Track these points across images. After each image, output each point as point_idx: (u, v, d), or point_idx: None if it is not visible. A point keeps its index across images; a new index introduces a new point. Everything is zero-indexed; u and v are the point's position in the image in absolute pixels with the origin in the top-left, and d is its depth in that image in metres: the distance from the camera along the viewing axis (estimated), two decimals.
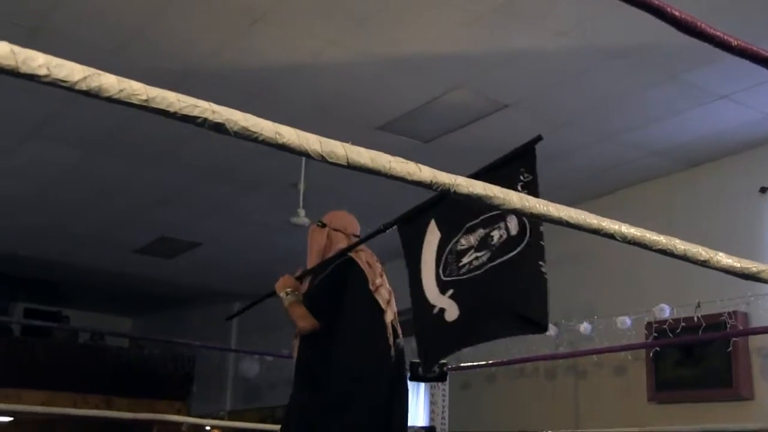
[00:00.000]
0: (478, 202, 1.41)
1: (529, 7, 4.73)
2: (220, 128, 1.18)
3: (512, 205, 1.42)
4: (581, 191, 7.41)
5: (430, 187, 1.36)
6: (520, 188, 3.08)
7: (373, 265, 3.84)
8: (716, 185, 6.75)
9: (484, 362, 6.44)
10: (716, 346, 6.28)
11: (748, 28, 4.61)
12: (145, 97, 1.09)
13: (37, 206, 8.72)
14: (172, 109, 1.12)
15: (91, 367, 13.28)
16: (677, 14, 1.49)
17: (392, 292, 3.88)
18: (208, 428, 13.08)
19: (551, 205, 1.49)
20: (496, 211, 1.43)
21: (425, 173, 1.35)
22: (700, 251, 1.71)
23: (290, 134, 1.25)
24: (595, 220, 1.56)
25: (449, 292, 3.26)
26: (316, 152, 1.27)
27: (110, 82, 1.05)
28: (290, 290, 3.80)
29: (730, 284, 4.99)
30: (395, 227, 3.62)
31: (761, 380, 6.11)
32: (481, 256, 3.18)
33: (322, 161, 1.29)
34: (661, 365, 6.71)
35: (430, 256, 3.43)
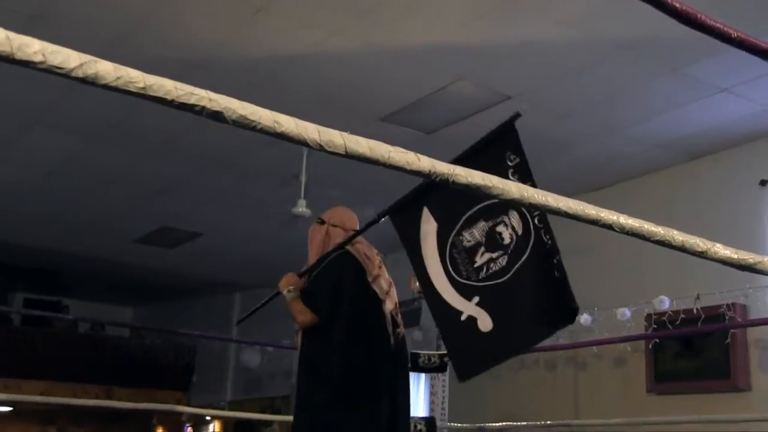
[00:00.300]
0: (476, 192, 1.41)
1: None
2: (218, 116, 1.18)
3: (511, 195, 1.42)
4: (582, 183, 7.41)
5: (429, 176, 1.36)
6: (510, 173, 3.08)
7: (371, 256, 3.87)
8: (717, 178, 6.74)
9: None
10: (715, 337, 6.29)
11: (748, 21, 4.60)
12: (142, 84, 1.08)
13: (37, 195, 8.72)
14: (169, 97, 1.12)
15: (91, 357, 13.29)
16: (677, 6, 1.49)
17: (392, 283, 3.91)
18: (208, 418, 13.14)
19: (550, 195, 1.49)
20: (491, 199, 1.42)
21: (424, 163, 1.35)
22: (697, 242, 1.71)
23: (289, 123, 1.25)
24: (593, 210, 1.56)
25: (475, 299, 3.26)
26: (314, 141, 1.27)
27: (107, 69, 1.04)
28: (292, 288, 3.86)
29: (729, 276, 4.99)
30: (389, 217, 3.64)
31: (759, 371, 6.13)
32: (497, 258, 3.19)
33: (320, 150, 1.29)
34: (660, 357, 6.73)
35: (431, 248, 3.43)
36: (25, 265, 12.82)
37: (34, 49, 0.99)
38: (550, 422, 6.21)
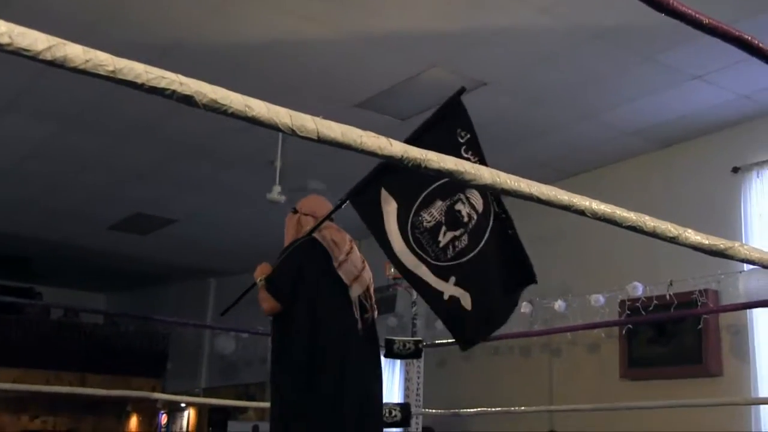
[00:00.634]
0: (449, 177, 1.41)
1: None
2: (188, 100, 1.17)
3: (483, 180, 1.43)
4: (557, 170, 7.45)
5: (401, 161, 1.36)
6: (463, 150, 3.10)
7: (338, 242, 3.87)
8: (690, 165, 6.79)
9: None
10: (687, 323, 6.35)
11: (724, 10, 4.63)
12: (112, 68, 1.07)
13: (9, 180, 8.64)
14: (139, 80, 1.11)
15: (64, 344, 13.22)
16: None
17: (364, 268, 3.90)
18: (183, 405, 13.11)
19: (522, 180, 1.49)
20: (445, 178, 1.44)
21: (396, 148, 1.35)
22: (669, 228, 1.72)
23: (260, 107, 1.24)
24: (565, 196, 1.56)
25: (452, 279, 3.29)
26: (286, 126, 1.26)
27: (76, 52, 1.03)
28: (263, 277, 3.86)
29: (701, 263, 5.03)
30: (350, 202, 3.64)
31: (730, 357, 6.19)
32: (460, 237, 3.21)
33: (292, 135, 1.28)
34: (633, 342, 6.78)
35: (394, 229, 3.43)
36: None
37: (0, 30, 0.98)
38: (524, 408, 6.25)
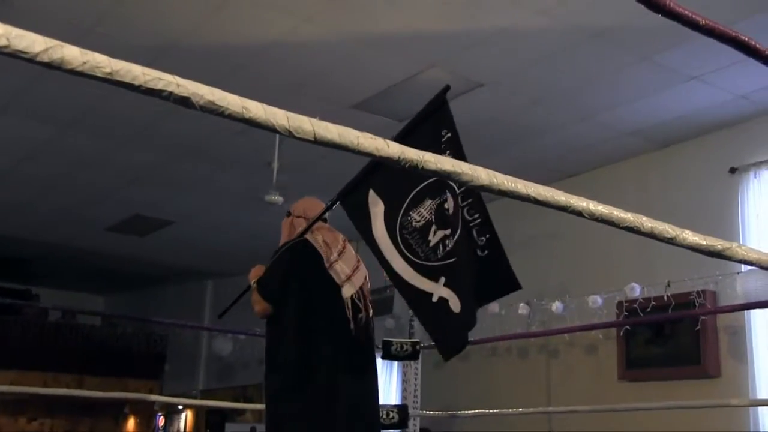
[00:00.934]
0: (446, 178, 1.41)
1: None
2: (185, 102, 1.17)
3: (480, 181, 1.43)
4: (554, 170, 7.45)
5: (398, 163, 1.36)
6: (443, 148, 3.07)
7: (330, 243, 3.87)
8: (688, 165, 6.80)
9: None
10: (685, 324, 6.35)
11: (722, 11, 4.64)
12: (108, 69, 1.08)
13: (6, 182, 8.64)
14: (136, 82, 1.11)
15: (62, 346, 13.20)
16: None
17: (358, 268, 3.90)
18: (180, 407, 13.10)
19: (519, 181, 1.50)
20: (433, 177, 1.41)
21: (393, 149, 1.35)
22: (666, 228, 1.73)
23: (257, 109, 1.24)
24: (562, 197, 1.57)
25: (442, 280, 3.24)
26: (283, 127, 1.26)
27: (73, 54, 1.03)
28: (257, 279, 3.87)
29: (699, 263, 5.05)
30: (339, 203, 3.64)
31: (728, 358, 6.19)
32: (450, 235, 3.16)
33: (289, 136, 1.29)
34: (631, 344, 6.78)
35: (381, 231, 3.41)
36: None
37: None
38: (522, 410, 6.25)
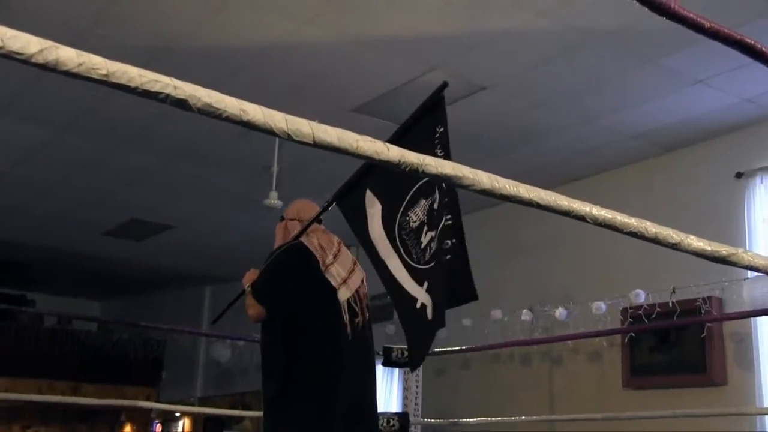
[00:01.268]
0: (446, 182, 1.41)
1: None
2: (183, 104, 1.17)
3: (482, 185, 1.43)
4: (557, 175, 7.45)
5: (398, 166, 1.36)
6: (436, 143, 3.04)
7: (325, 245, 3.87)
8: (693, 170, 6.80)
9: (458, 348, 6.48)
10: (691, 331, 6.34)
11: (728, 13, 4.64)
12: (105, 71, 1.08)
13: (2, 185, 8.64)
14: (133, 84, 1.11)
15: (57, 352, 13.18)
16: None
17: (354, 270, 3.90)
18: (178, 414, 13.09)
19: (521, 186, 1.50)
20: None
21: (393, 153, 1.35)
22: (671, 234, 1.73)
23: (255, 111, 1.24)
24: (565, 201, 1.56)
25: (425, 284, 3.18)
26: (281, 130, 1.26)
27: (69, 55, 1.04)
28: (251, 283, 3.87)
29: (704, 270, 5.04)
30: (335, 205, 3.62)
31: (734, 366, 6.18)
32: (434, 237, 3.11)
33: (288, 139, 1.29)
34: (636, 351, 6.77)
35: (379, 232, 3.37)
36: None
37: None
38: (525, 417, 6.24)
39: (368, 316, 3.90)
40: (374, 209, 3.41)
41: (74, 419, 13.46)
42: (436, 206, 3.09)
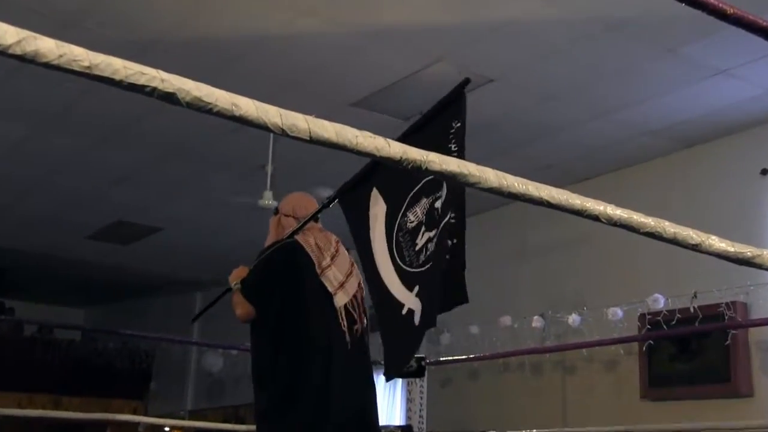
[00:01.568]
0: (452, 180, 1.41)
1: None
2: (170, 98, 1.18)
3: (489, 183, 1.43)
4: (569, 173, 7.45)
5: (400, 163, 1.36)
6: (451, 138, 3.03)
7: (322, 246, 3.82)
8: (715, 167, 6.79)
9: (465, 357, 6.48)
10: (713, 339, 6.33)
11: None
12: (87, 63, 1.08)
13: None
14: (117, 76, 1.11)
15: (38, 363, 13.17)
16: None
17: (352, 273, 3.85)
18: (167, 429, 13.06)
19: (530, 183, 1.50)
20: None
21: (395, 149, 1.35)
22: (691, 234, 1.73)
23: (248, 106, 1.25)
24: (578, 200, 1.56)
25: (416, 289, 3.16)
26: (276, 125, 1.26)
27: (48, 46, 1.04)
28: (239, 281, 3.83)
29: (728, 273, 5.03)
30: (338, 202, 3.61)
31: (761, 375, 6.17)
32: (432, 238, 3.10)
33: (283, 135, 1.29)
34: (654, 359, 6.76)
35: (380, 234, 3.34)
36: None
37: None
38: (536, 431, 6.24)
39: (366, 323, 3.87)
40: (377, 209, 3.40)
41: None
42: (439, 204, 3.07)
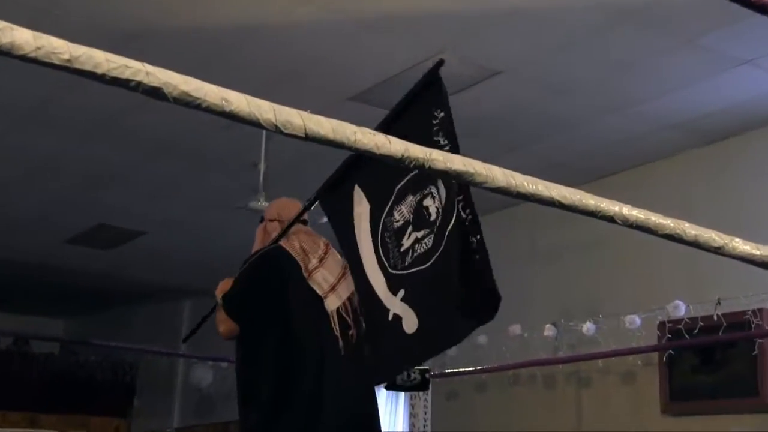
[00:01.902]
0: (457, 179, 1.42)
1: None
2: (156, 93, 1.18)
3: (496, 183, 1.43)
4: (582, 171, 7.45)
5: (401, 162, 1.37)
6: (435, 131, 3.00)
7: (309, 249, 3.83)
8: (738, 164, 6.80)
9: (472, 368, 6.49)
10: (739, 349, 6.33)
11: None
12: (67, 56, 1.08)
13: None
14: (99, 70, 1.12)
15: (13, 377, 13.14)
16: None
17: (344, 275, 3.82)
18: None
19: (540, 182, 1.50)
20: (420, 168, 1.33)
21: (396, 146, 1.36)
22: (713, 236, 1.73)
23: (239, 101, 1.25)
24: (591, 200, 1.57)
25: (400, 293, 3.14)
26: (269, 122, 1.27)
27: (25, 37, 1.04)
28: (222, 296, 3.85)
29: (754, 278, 5.01)
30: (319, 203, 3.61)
31: None
32: (423, 239, 3.07)
33: (276, 132, 1.29)
34: (676, 371, 6.76)
35: (365, 234, 3.32)
36: None
37: None
38: None
39: (364, 329, 3.85)
40: (362, 208, 3.38)
41: None
42: (428, 204, 3.05)
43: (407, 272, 3.12)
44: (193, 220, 9.47)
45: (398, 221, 3.20)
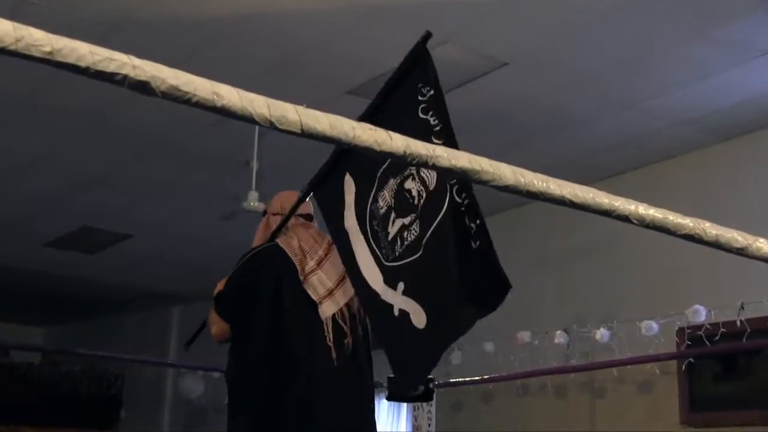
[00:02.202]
0: (461, 176, 1.41)
1: None
2: (143, 87, 1.18)
3: (504, 181, 1.43)
4: (595, 168, 7.46)
5: (403, 158, 1.37)
6: (421, 110, 2.97)
7: (307, 248, 3.80)
8: (758, 160, 6.79)
9: (478, 377, 6.48)
10: (764, 356, 6.32)
11: None
12: (49, 48, 1.08)
13: None
14: (83, 63, 1.12)
15: None
16: None
17: (344, 280, 3.76)
18: None
19: (552, 180, 1.50)
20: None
21: (397, 142, 1.35)
22: (735, 236, 1.73)
23: (231, 95, 1.25)
24: (605, 199, 1.57)
25: (400, 286, 3.10)
26: (263, 117, 1.27)
27: (4, 29, 1.04)
28: (214, 296, 3.85)
29: None
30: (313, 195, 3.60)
31: None
32: (410, 225, 3.04)
33: (270, 128, 1.29)
34: (696, 380, 6.76)
35: (353, 225, 3.29)
36: None
37: None
38: None
39: (363, 336, 3.83)
40: (351, 197, 3.36)
41: None
42: (410, 186, 3.01)
43: (400, 263, 3.09)
44: (182, 222, 9.47)
45: (382, 207, 3.17)
